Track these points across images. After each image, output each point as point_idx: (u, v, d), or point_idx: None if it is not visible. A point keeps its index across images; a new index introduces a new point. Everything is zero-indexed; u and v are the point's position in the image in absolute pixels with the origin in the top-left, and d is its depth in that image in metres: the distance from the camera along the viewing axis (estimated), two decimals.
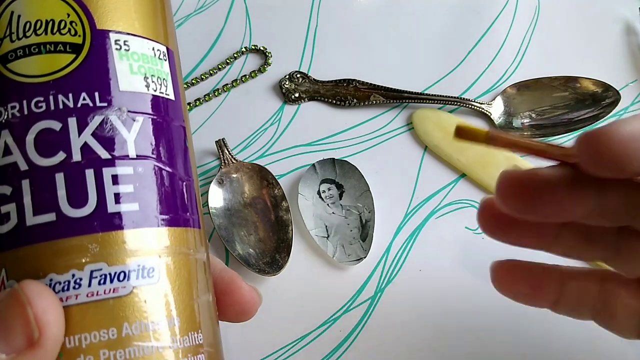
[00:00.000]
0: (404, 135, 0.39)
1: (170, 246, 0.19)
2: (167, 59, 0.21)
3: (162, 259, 0.19)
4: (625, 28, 0.43)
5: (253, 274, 0.34)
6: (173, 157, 0.20)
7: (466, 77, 0.41)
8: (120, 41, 0.19)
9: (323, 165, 0.37)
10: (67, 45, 0.19)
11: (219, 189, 0.36)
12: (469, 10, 0.43)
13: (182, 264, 0.20)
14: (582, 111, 0.38)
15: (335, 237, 0.36)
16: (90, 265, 0.18)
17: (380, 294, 0.35)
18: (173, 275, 0.19)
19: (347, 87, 0.40)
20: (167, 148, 0.20)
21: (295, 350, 0.33)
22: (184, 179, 0.21)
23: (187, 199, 0.21)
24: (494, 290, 0.35)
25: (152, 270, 0.19)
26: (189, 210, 0.21)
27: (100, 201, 0.18)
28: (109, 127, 0.19)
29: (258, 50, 0.42)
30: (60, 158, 0.18)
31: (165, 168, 0.20)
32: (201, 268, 0.21)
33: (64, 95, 0.18)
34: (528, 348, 0.34)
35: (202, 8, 0.43)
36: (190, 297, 0.20)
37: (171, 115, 0.21)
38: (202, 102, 0.40)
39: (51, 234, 0.18)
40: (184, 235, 0.20)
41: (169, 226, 0.19)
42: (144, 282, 0.18)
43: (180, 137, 0.21)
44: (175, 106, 0.21)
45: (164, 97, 0.20)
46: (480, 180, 0.37)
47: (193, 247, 0.21)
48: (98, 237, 0.18)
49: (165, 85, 0.21)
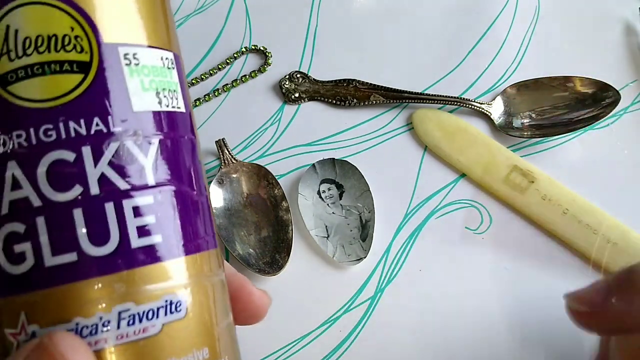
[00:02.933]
0: (404, 135, 0.39)
1: (194, 274, 0.18)
2: (175, 67, 0.20)
3: (188, 289, 0.18)
4: (625, 28, 0.43)
5: (253, 274, 0.34)
6: (190, 176, 0.19)
7: (466, 77, 0.41)
8: (130, 55, 0.18)
9: (323, 165, 0.37)
10: (74, 64, 0.17)
11: (219, 189, 0.36)
12: (469, 10, 0.43)
13: (206, 291, 0.19)
14: (582, 111, 0.38)
15: (335, 237, 0.36)
16: (118, 306, 0.17)
17: (380, 294, 0.35)
18: (199, 304, 0.18)
19: (347, 87, 0.40)
20: (183, 168, 0.19)
21: (295, 350, 0.33)
22: (201, 198, 0.20)
23: (205, 219, 0.20)
24: (493, 290, 0.35)
25: (179, 304, 0.18)
26: (208, 232, 0.20)
27: (123, 237, 0.17)
28: (126, 154, 0.17)
29: (258, 50, 0.42)
30: (77, 192, 0.17)
31: (184, 191, 0.19)
32: (223, 289, 0.20)
33: (75, 122, 0.17)
34: (528, 347, 0.34)
35: (202, 8, 0.43)
36: (215, 323, 0.19)
37: (184, 130, 0.20)
38: (202, 102, 0.40)
39: (74, 275, 0.16)
40: (206, 260, 0.19)
41: (192, 253, 0.18)
42: (173, 317, 0.18)
43: (193, 152, 0.20)
44: (186, 119, 0.20)
45: (176, 111, 0.19)
46: (480, 180, 0.37)
47: (215, 269, 0.20)
48: (123, 275, 0.17)
49: (177, 98, 0.19)
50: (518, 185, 0.37)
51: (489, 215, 0.37)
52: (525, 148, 0.39)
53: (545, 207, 0.36)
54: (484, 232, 0.36)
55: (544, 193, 0.36)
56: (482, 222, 0.37)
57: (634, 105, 0.40)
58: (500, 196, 0.37)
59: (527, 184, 0.37)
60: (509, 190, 0.37)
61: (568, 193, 0.36)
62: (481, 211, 0.37)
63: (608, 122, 0.39)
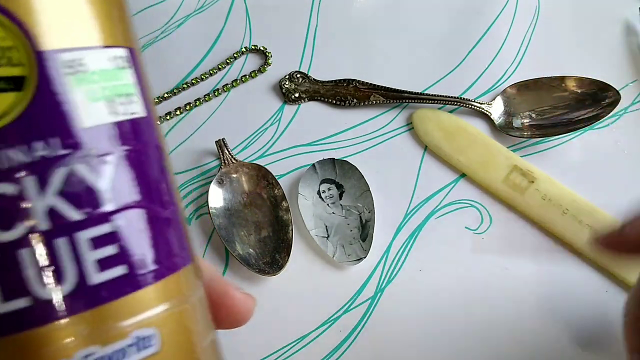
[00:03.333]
0: (404, 135, 0.39)
1: (167, 300, 0.17)
2: (131, 64, 0.17)
3: (161, 319, 0.16)
4: (625, 28, 0.43)
5: (253, 274, 0.34)
6: (156, 192, 0.17)
7: (466, 77, 0.41)
8: (74, 62, 0.15)
9: (323, 165, 0.37)
10: (8, 81, 0.14)
11: (219, 189, 0.36)
12: (469, 10, 0.43)
13: (182, 315, 0.17)
14: (582, 111, 0.38)
15: (335, 237, 0.36)
16: (81, 351, 0.15)
17: (380, 294, 0.35)
18: (175, 332, 0.17)
19: (347, 87, 0.40)
20: (148, 184, 0.17)
21: (295, 350, 0.33)
22: (170, 213, 0.18)
23: (177, 235, 0.18)
24: (493, 290, 0.35)
25: (152, 337, 0.16)
26: (181, 247, 0.18)
27: (80, 274, 0.15)
28: (77, 180, 0.15)
29: (258, 50, 0.42)
30: (22, 230, 0.14)
31: (149, 211, 0.17)
32: (201, 307, 0.19)
33: (13, 149, 0.14)
34: (528, 346, 0.34)
35: (202, 8, 0.43)
36: (196, 346, 0.17)
37: (146, 138, 0.17)
38: (202, 102, 0.40)
39: (28, 323, 0.14)
40: (180, 280, 0.17)
41: (163, 277, 0.16)
42: (145, 353, 0.16)
43: (158, 162, 0.18)
44: (148, 124, 0.17)
45: (134, 118, 0.16)
46: (480, 180, 0.37)
47: (191, 288, 0.18)
48: (85, 316, 0.15)
49: (134, 102, 0.17)
50: (518, 185, 0.37)
51: (489, 215, 0.37)
52: (525, 148, 0.39)
53: (545, 207, 0.36)
54: (484, 232, 0.36)
55: (544, 193, 0.36)
56: (482, 222, 0.37)
57: (634, 105, 0.40)
58: (500, 196, 0.37)
59: (527, 184, 0.37)
60: (509, 190, 0.37)
61: (568, 193, 0.36)
62: (481, 211, 0.37)
63: (608, 122, 0.39)
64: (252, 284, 0.35)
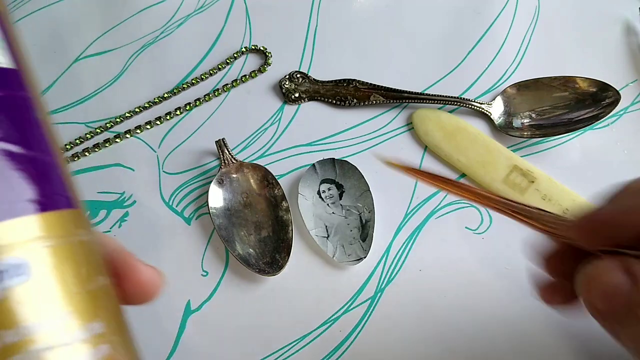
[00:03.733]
0: (404, 135, 0.39)
1: (43, 234, 0.17)
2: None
3: (36, 251, 0.17)
4: (625, 28, 0.43)
5: (253, 274, 0.34)
6: (23, 135, 0.18)
7: (466, 77, 0.41)
8: None
9: (323, 165, 0.37)
10: None
11: (219, 189, 0.36)
12: (469, 10, 0.43)
13: (60, 251, 0.18)
14: (582, 111, 0.38)
15: (335, 237, 0.36)
16: None
17: (380, 294, 0.35)
18: (51, 265, 0.17)
19: (347, 87, 0.40)
20: (12, 126, 0.18)
21: (295, 350, 0.33)
22: (43, 157, 0.19)
23: (52, 178, 0.19)
24: (493, 290, 0.35)
25: (25, 266, 0.17)
26: (58, 190, 0.19)
27: None
28: None
29: (258, 50, 0.42)
30: None
31: (15, 150, 0.18)
32: (86, 251, 0.19)
33: None
34: (527, 347, 0.34)
35: (202, 8, 0.43)
36: (78, 286, 0.18)
37: (10, 87, 0.18)
38: (202, 102, 0.40)
39: None
40: (57, 219, 0.18)
41: (37, 212, 0.17)
42: (18, 280, 0.16)
43: (28, 110, 0.19)
44: (15, 76, 0.19)
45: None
46: (480, 180, 0.37)
47: (71, 229, 0.19)
48: None
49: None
50: (518, 185, 0.37)
51: (489, 215, 0.37)
52: (525, 148, 0.39)
53: (545, 207, 0.36)
54: (484, 232, 0.36)
55: (544, 193, 0.36)
56: (482, 222, 0.37)
57: (634, 105, 0.40)
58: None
59: (527, 184, 0.37)
60: (509, 190, 0.37)
61: (568, 193, 0.36)
62: (481, 211, 0.37)
63: (608, 122, 0.39)
64: (252, 284, 0.35)
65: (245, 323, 0.34)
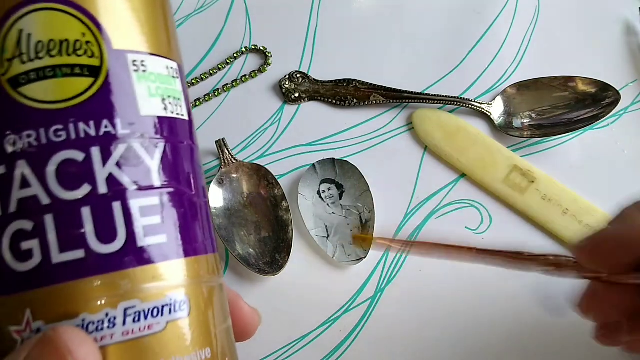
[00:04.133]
0: (404, 135, 0.39)
1: (196, 276, 0.19)
2: (179, 76, 0.21)
3: (191, 291, 0.19)
4: (625, 28, 0.43)
5: (253, 274, 0.34)
6: (190, 180, 0.20)
7: (466, 77, 0.41)
8: (138, 62, 0.19)
9: (323, 165, 0.37)
10: (84, 68, 0.18)
11: (219, 189, 0.36)
12: (469, 10, 0.43)
13: (207, 293, 0.19)
14: (582, 111, 0.38)
15: (335, 237, 0.36)
16: (124, 302, 0.17)
17: (380, 294, 0.35)
18: (201, 305, 0.19)
19: (347, 87, 0.40)
20: (185, 172, 0.20)
21: (295, 350, 0.33)
22: (201, 203, 0.20)
23: (204, 222, 0.20)
24: (492, 290, 0.35)
25: (183, 303, 0.18)
26: (207, 234, 0.20)
27: (130, 235, 0.17)
28: (132, 156, 0.18)
29: (258, 50, 0.42)
30: (85, 191, 0.17)
31: (186, 194, 0.19)
32: (221, 293, 0.21)
33: (85, 123, 0.17)
34: (527, 347, 0.34)
35: (202, 8, 0.43)
36: (216, 326, 0.19)
37: (185, 137, 0.20)
38: (202, 102, 0.40)
39: (80, 272, 0.17)
40: (206, 263, 0.20)
41: (194, 255, 0.19)
42: (177, 315, 0.18)
43: (193, 158, 0.21)
44: (189, 126, 0.21)
45: (179, 118, 0.20)
46: (480, 180, 0.37)
47: (215, 272, 0.20)
48: (130, 272, 0.17)
49: (180, 106, 0.20)
50: (518, 185, 0.37)
51: (489, 215, 0.37)
52: (525, 148, 0.39)
53: (545, 207, 0.36)
54: (484, 232, 0.36)
55: (544, 193, 0.36)
56: (482, 222, 0.37)
57: (634, 105, 0.40)
58: (500, 196, 0.37)
59: (527, 184, 0.37)
60: (509, 190, 0.37)
61: (568, 193, 0.36)
62: (481, 211, 0.37)
63: (608, 122, 0.39)
64: (252, 284, 0.35)
65: None
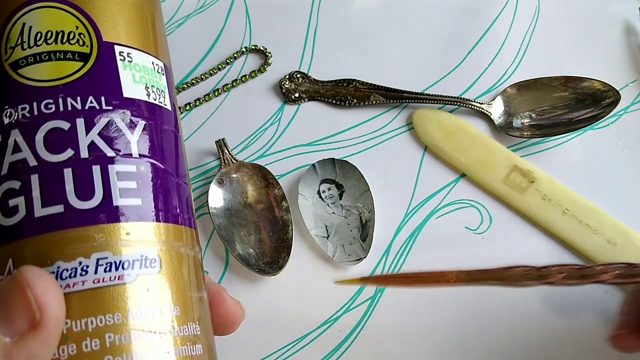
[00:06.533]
0: (404, 135, 0.39)
1: (168, 240, 0.21)
2: (165, 74, 0.23)
3: (162, 252, 0.20)
4: (625, 28, 0.43)
5: (253, 274, 0.34)
6: (169, 159, 0.22)
7: (466, 77, 0.41)
8: (124, 53, 0.21)
9: (323, 165, 0.37)
10: (75, 54, 0.20)
11: (219, 189, 0.36)
12: (469, 10, 0.43)
13: (179, 259, 0.21)
14: (582, 111, 0.38)
15: (335, 237, 0.36)
16: (97, 253, 0.19)
17: (380, 294, 0.35)
18: (171, 267, 0.20)
19: (347, 87, 0.40)
20: (164, 151, 0.22)
21: (295, 350, 0.33)
22: (179, 181, 0.22)
23: (182, 199, 0.22)
24: (492, 291, 0.35)
25: (154, 260, 0.20)
26: (184, 210, 0.22)
27: (106, 195, 0.19)
28: (114, 128, 0.20)
29: (258, 50, 0.42)
30: (68, 154, 0.19)
31: (163, 168, 0.21)
32: (196, 266, 0.22)
33: (72, 98, 0.20)
34: (527, 348, 0.34)
35: (202, 8, 0.43)
36: (187, 290, 0.21)
37: (167, 123, 0.22)
38: (202, 102, 0.40)
39: (58, 224, 0.19)
40: (180, 233, 0.21)
41: (166, 222, 0.21)
42: (147, 271, 0.19)
43: (175, 143, 0.23)
44: (171, 116, 0.23)
45: (162, 106, 0.22)
46: (480, 180, 0.37)
47: (189, 244, 0.22)
48: (104, 227, 0.19)
49: (164, 97, 0.22)
50: (518, 185, 0.37)
51: (489, 215, 0.37)
52: (525, 148, 0.39)
53: (545, 207, 0.36)
54: (484, 232, 0.36)
55: (544, 193, 0.36)
56: (482, 222, 0.37)
57: (634, 105, 0.40)
58: (500, 196, 0.37)
59: (527, 184, 0.37)
60: (509, 190, 0.37)
61: (568, 193, 0.36)
62: (481, 211, 0.37)
63: (608, 122, 0.39)
64: (252, 284, 0.35)
65: (245, 323, 0.34)
